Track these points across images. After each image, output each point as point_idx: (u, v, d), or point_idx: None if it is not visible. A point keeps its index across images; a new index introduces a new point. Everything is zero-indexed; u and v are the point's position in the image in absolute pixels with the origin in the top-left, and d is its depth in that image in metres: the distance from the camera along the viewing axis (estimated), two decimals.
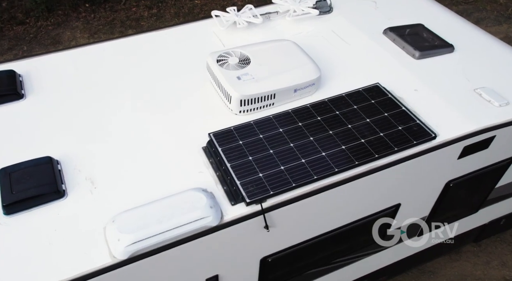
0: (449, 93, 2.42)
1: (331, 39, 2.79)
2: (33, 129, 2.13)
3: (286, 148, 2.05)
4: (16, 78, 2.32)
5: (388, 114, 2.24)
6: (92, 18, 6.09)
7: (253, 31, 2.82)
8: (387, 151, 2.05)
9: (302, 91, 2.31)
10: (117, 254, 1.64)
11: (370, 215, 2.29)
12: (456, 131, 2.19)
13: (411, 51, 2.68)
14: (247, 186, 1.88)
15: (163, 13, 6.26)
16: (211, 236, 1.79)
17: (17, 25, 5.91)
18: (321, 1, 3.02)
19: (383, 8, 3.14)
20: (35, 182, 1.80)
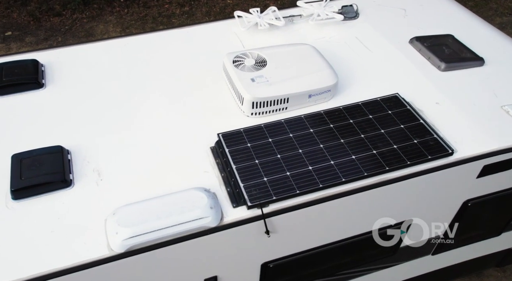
0: (474, 108, 2.34)
1: (353, 45, 2.76)
2: (49, 118, 2.21)
3: (294, 154, 2.03)
4: (38, 67, 2.41)
5: (404, 126, 2.18)
6: (125, 13, 6.26)
7: (275, 34, 2.82)
8: (399, 164, 2.00)
9: (317, 97, 2.29)
10: (114, 246, 1.67)
11: (380, 229, 2.24)
12: (475, 149, 2.12)
13: (436, 62, 2.61)
14: (250, 189, 1.88)
15: (195, 11, 6.36)
16: (210, 236, 1.80)
17: (54, 16, 6.16)
18: (347, 6, 2.99)
19: (412, 17, 3.07)
20: (44, 170, 1.86)
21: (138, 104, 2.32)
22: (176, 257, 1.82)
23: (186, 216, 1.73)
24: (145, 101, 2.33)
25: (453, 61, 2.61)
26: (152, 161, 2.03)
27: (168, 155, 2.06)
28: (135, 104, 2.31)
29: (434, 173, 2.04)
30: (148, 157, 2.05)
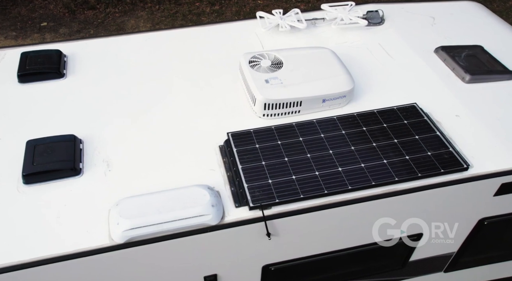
0: (497, 123, 2.26)
1: (375, 52, 2.72)
2: (66, 107, 2.29)
3: (302, 158, 2.03)
4: (61, 58, 2.51)
5: (419, 137, 2.14)
6: (156, 9, 6.40)
7: (296, 36, 2.82)
8: (409, 176, 1.97)
9: (332, 102, 2.27)
10: (115, 237, 1.72)
11: (387, 240, 2.20)
12: (493, 165, 2.05)
13: (461, 73, 2.54)
14: (253, 190, 1.89)
15: (225, 10, 6.43)
16: (210, 234, 1.82)
17: (88, 9, 6.37)
18: (372, 11, 2.95)
19: (441, 25, 3.00)
20: (55, 157, 1.94)
21: (154, 99, 2.37)
22: (176, 252, 1.85)
23: (187, 212, 1.76)
24: (161, 97, 2.38)
25: (479, 73, 2.54)
26: (160, 156, 2.07)
27: (178, 151, 2.10)
28: (151, 99, 2.37)
29: (447, 187, 1.99)
30: (157, 151, 2.09)
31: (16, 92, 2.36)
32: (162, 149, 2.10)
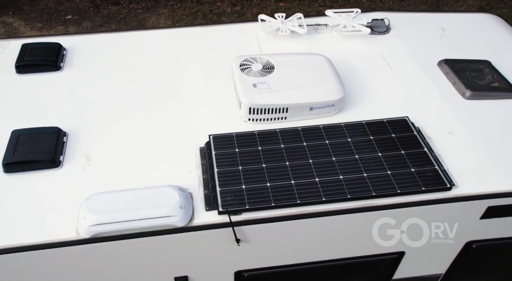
0: (492, 143, 2.17)
1: (376, 61, 2.66)
2: (58, 100, 2.35)
3: (280, 165, 2.00)
4: (59, 51, 2.57)
5: (405, 152, 2.07)
6: (178, 7, 6.48)
7: (295, 41, 2.79)
8: (387, 191, 1.91)
9: (319, 111, 2.24)
10: (81, 231, 1.75)
11: (364, 256, 2.15)
12: (480, 187, 1.96)
13: (461, 88, 2.45)
14: (225, 195, 1.88)
15: (246, 11, 6.44)
16: (178, 236, 1.82)
17: (112, 4, 6.51)
18: (378, 20, 2.89)
19: (450, 37, 2.90)
20: (36, 148, 1.98)
21: (145, 97, 2.39)
22: (144, 251, 1.86)
23: (154, 212, 1.77)
24: (151, 95, 2.40)
25: (481, 89, 2.44)
26: (141, 154, 2.09)
27: (159, 150, 2.11)
28: (141, 97, 2.39)
29: (426, 206, 1.92)
30: (139, 149, 2.11)
31: (12, 83, 2.43)
32: (144, 147, 2.12)
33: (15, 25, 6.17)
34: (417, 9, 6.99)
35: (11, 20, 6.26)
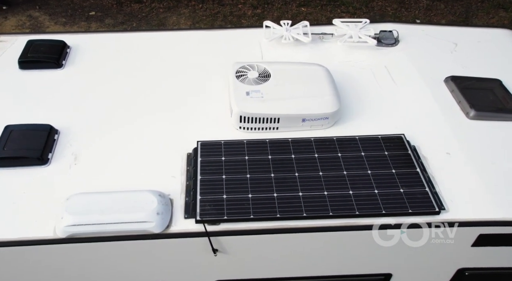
0: (490, 167, 2.07)
1: (379, 74, 2.59)
2: (55, 97, 2.39)
3: (265, 177, 1.98)
4: (63, 49, 2.62)
5: (396, 171, 2.01)
6: (199, 7, 6.54)
7: (298, 49, 2.76)
8: (371, 211, 1.85)
9: (312, 123, 2.20)
10: (57, 230, 1.77)
11: (346, 275, 2.09)
12: (471, 213, 1.88)
13: (466, 107, 2.36)
14: (205, 204, 1.87)
15: (266, 14, 6.43)
16: (154, 242, 1.82)
17: (135, 3, 6.63)
18: (386, 31, 2.82)
19: (462, 53, 2.81)
20: (25, 145, 2.02)
21: (140, 99, 2.41)
22: (119, 255, 1.87)
23: (130, 217, 1.77)
24: (146, 98, 2.42)
25: (486, 109, 2.34)
26: (129, 157, 2.10)
27: (147, 154, 2.12)
28: (137, 99, 2.41)
29: (415, 229, 1.85)
30: (128, 152, 2.12)
31: (14, 78, 2.50)
32: (132, 150, 2.13)
33: (40, 19, 6.35)
34: (444, 19, 6.82)
35: (37, 14, 6.45)
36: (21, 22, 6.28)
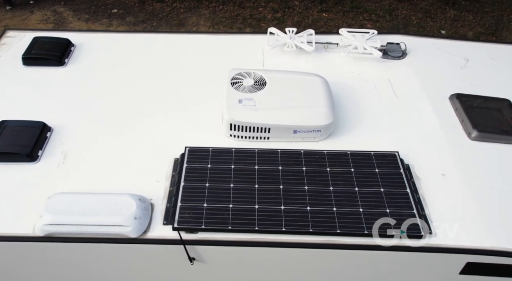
0: (486, 193, 1.99)
1: (381, 88, 2.53)
2: (53, 94, 2.44)
3: (248, 187, 1.95)
4: (67, 47, 2.67)
5: (384, 190, 1.95)
6: (220, 9, 6.56)
7: (301, 58, 2.72)
8: (353, 230, 1.80)
9: (304, 135, 2.16)
10: (36, 228, 1.80)
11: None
12: (459, 240, 1.81)
13: (468, 127, 2.27)
14: (184, 211, 1.86)
15: (286, 19, 6.40)
16: (130, 246, 1.82)
17: (156, 2, 6.71)
18: (393, 44, 2.75)
19: (473, 69, 2.71)
20: (16, 141, 2.07)
21: (136, 101, 2.43)
22: (96, 257, 1.88)
23: (107, 220, 1.78)
24: (143, 100, 2.43)
25: (489, 131, 2.25)
26: (117, 159, 2.11)
27: (136, 157, 2.13)
28: (132, 101, 2.42)
29: (395, 252, 1.79)
30: (116, 153, 2.14)
31: (17, 73, 2.56)
32: (122, 152, 2.15)
33: (64, 15, 6.52)
34: (471, 31, 6.62)
35: (62, 9, 6.62)
36: (46, 16, 6.45)
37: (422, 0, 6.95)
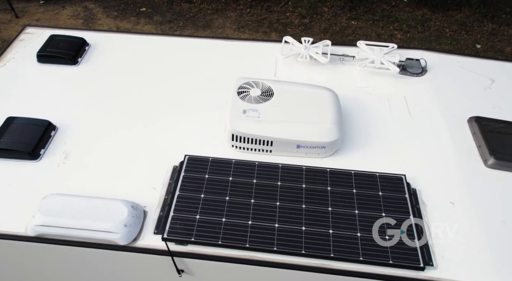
0: (498, 226, 1.87)
1: (396, 106, 2.44)
2: (63, 93, 2.47)
3: (243, 202, 1.92)
4: (81, 46, 2.71)
5: (386, 215, 1.87)
6: (247, 12, 6.56)
7: (314, 69, 2.66)
8: (348, 255, 1.73)
9: (308, 150, 2.10)
10: (28, 228, 1.82)
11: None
12: (462, 274, 1.71)
13: (485, 154, 2.16)
14: (175, 222, 1.84)
15: (313, 25, 6.33)
16: (118, 253, 1.82)
17: (185, 2, 6.78)
18: (413, 60, 2.65)
19: (498, 91, 2.58)
20: (20, 138, 2.11)
21: (142, 104, 2.42)
22: (85, 261, 1.88)
23: (97, 225, 1.78)
24: (148, 103, 2.43)
25: (508, 159, 2.12)
26: (117, 162, 2.12)
27: (135, 162, 2.12)
28: (141, 104, 2.43)
29: None
30: (117, 156, 2.14)
31: (31, 70, 2.61)
32: (123, 156, 2.15)
33: (94, 11, 6.67)
34: (510, 46, 6.36)
35: (92, 6, 6.78)
36: (76, 12, 6.62)
37: (458, 12, 6.74)
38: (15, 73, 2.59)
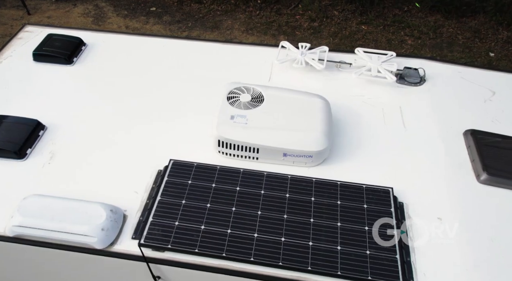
0: (486, 244, 1.82)
1: (390, 115, 2.39)
2: (57, 92, 2.48)
3: (224, 209, 1.89)
4: (77, 46, 2.72)
5: (368, 228, 1.83)
6: (256, 14, 6.54)
7: (310, 76, 2.63)
8: (326, 269, 1.70)
9: (295, 159, 2.07)
10: (6, 228, 1.82)
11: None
12: None
13: (478, 169, 2.10)
14: (154, 227, 1.83)
15: (323, 29, 6.28)
16: (94, 257, 1.81)
17: (195, 3, 6.79)
18: (411, 69, 2.60)
19: (498, 104, 2.51)
20: (6, 137, 2.12)
21: (133, 107, 2.42)
22: (63, 264, 1.88)
23: (74, 228, 1.78)
24: (140, 106, 2.42)
25: (501, 175, 2.06)
26: (102, 165, 2.11)
27: (121, 165, 2.11)
28: (130, 106, 2.42)
29: None
30: (103, 159, 2.14)
31: (26, 69, 2.63)
32: (108, 159, 2.14)
33: (105, 9, 6.73)
34: None
35: (103, 4, 6.84)
36: (87, 10, 6.69)
37: (472, 19, 6.62)
38: (11, 72, 2.62)
